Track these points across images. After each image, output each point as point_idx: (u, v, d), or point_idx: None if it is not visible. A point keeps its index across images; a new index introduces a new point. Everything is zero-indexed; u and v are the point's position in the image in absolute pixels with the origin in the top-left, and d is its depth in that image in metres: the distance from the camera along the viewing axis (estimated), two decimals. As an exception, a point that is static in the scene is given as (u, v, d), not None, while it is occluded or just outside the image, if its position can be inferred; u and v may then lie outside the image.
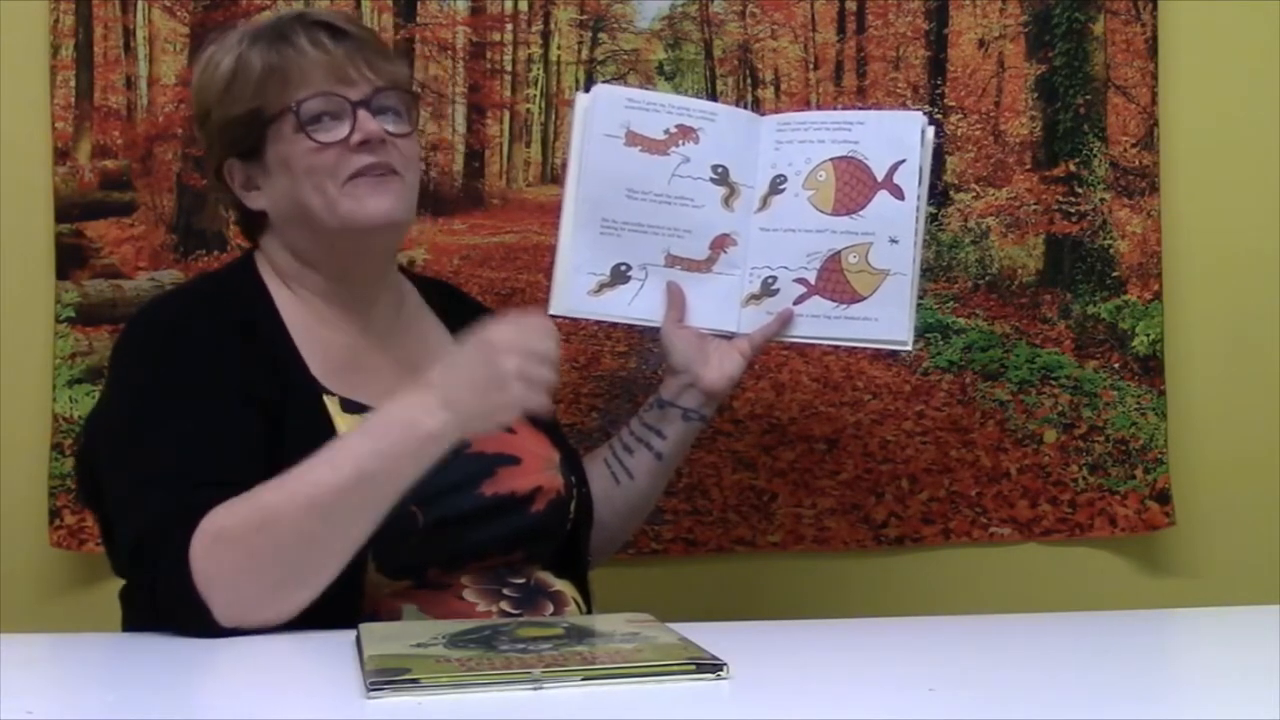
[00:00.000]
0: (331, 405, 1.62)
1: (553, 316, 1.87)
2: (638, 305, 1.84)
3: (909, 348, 1.83)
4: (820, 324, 1.81)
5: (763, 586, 2.19)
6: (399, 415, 1.50)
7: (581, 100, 1.84)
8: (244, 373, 1.59)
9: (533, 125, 2.19)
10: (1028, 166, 2.22)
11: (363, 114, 1.63)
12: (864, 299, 1.79)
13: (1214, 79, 2.23)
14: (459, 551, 1.59)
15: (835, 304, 1.80)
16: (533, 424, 1.75)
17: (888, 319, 1.79)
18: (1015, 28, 2.21)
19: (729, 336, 1.84)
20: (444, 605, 1.59)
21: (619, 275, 1.83)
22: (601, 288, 1.83)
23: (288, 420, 1.58)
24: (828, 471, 2.19)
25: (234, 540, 1.44)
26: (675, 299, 1.83)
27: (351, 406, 1.63)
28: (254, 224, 1.72)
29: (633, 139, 1.82)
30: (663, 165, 1.82)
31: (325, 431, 1.59)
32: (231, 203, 1.73)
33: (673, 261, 1.83)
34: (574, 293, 1.83)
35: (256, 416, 1.56)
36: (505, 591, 1.63)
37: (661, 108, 1.84)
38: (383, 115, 1.66)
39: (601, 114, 1.82)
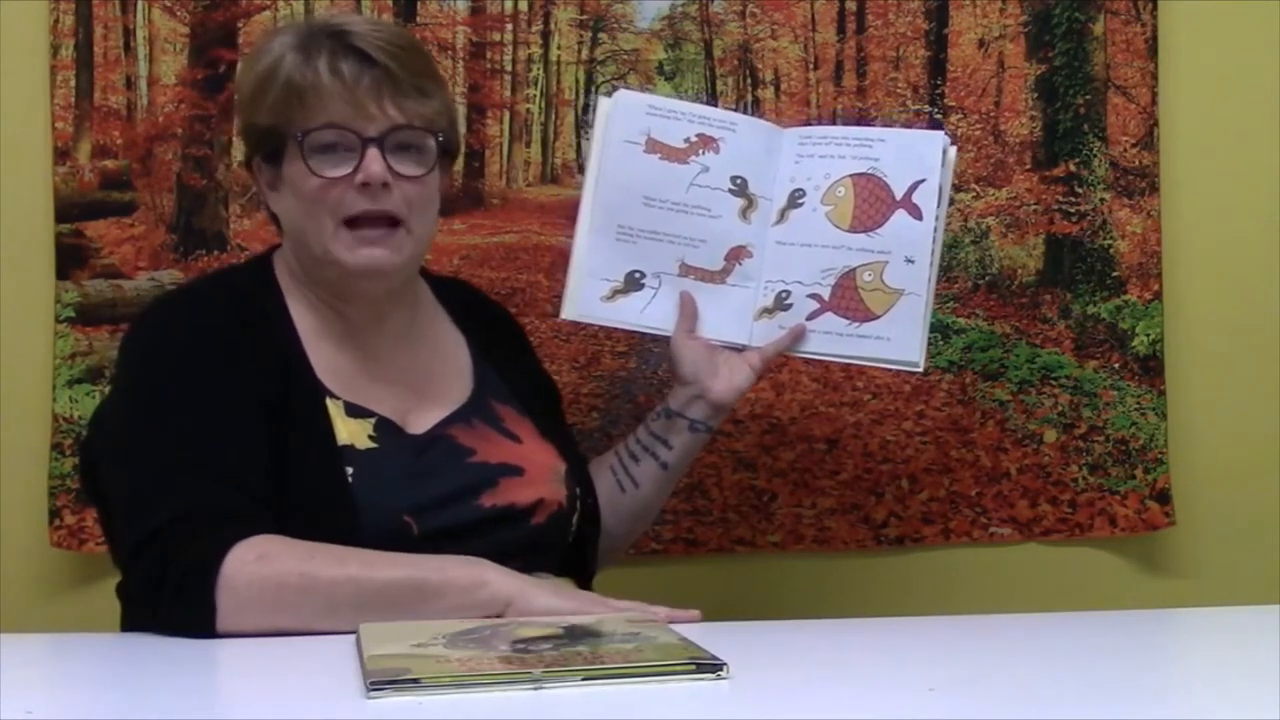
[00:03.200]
0: (334, 408, 1.62)
1: (565, 321, 1.87)
2: (650, 313, 1.83)
3: (921, 369, 1.81)
4: (832, 341, 1.80)
5: (763, 586, 2.19)
6: (473, 560, 1.50)
7: (603, 105, 1.83)
8: (250, 372, 1.58)
9: (533, 125, 2.19)
10: (1028, 166, 2.22)
11: (371, 153, 1.60)
12: (877, 318, 1.78)
13: (1214, 79, 2.23)
14: None
15: (848, 322, 1.79)
16: (540, 433, 1.75)
17: (900, 339, 1.77)
18: (1015, 28, 2.21)
19: (740, 349, 1.83)
20: None
21: (633, 282, 1.82)
22: (615, 294, 1.82)
23: (289, 422, 1.58)
24: (828, 471, 2.19)
25: (274, 569, 1.44)
26: (687, 309, 1.82)
27: (356, 411, 1.63)
28: (275, 218, 1.72)
29: (653, 146, 1.81)
30: (681, 174, 1.81)
31: (325, 435, 1.59)
32: (257, 192, 1.74)
33: (687, 271, 1.82)
34: (587, 298, 1.82)
35: (261, 420, 1.56)
36: None
37: (683, 116, 1.82)
38: (399, 154, 1.62)
39: (622, 120, 1.81)
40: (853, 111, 2.19)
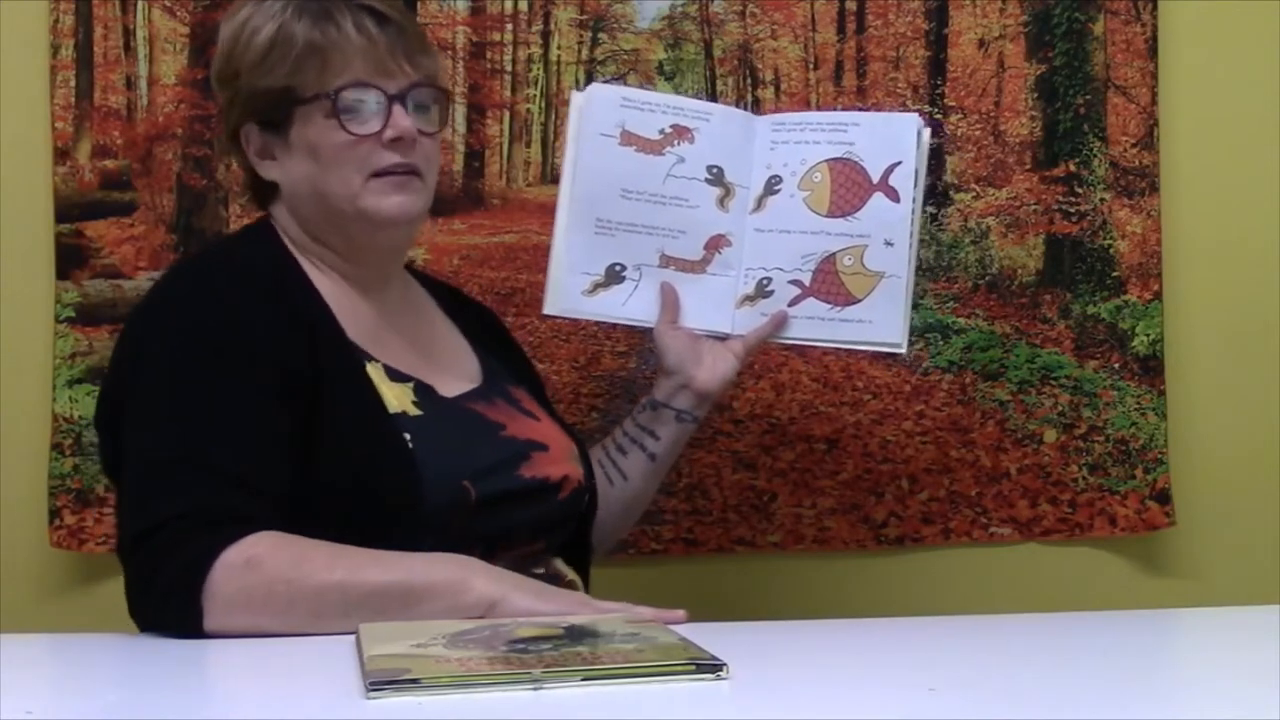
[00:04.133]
0: (375, 373, 1.60)
1: (547, 316, 1.87)
2: (632, 306, 1.84)
3: (903, 351, 1.82)
4: (814, 326, 1.80)
5: (763, 586, 2.19)
6: (461, 561, 1.48)
7: (577, 99, 1.83)
8: (279, 346, 1.55)
9: (533, 125, 2.19)
10: (1028, 166, 2.22)
11: (398, 109, 1.62)
12: (858, 301, 1.78)
13: (1214, 79, 2.23)
14: (498, 532, 1.60)
15: (830, 306, 1.79)
16: (549, 416, 1.77)
17: (882, 322, 1.78)
18: (1015, 28, 2.21)
19: (723, 338, 1.84)
20: None
21: (613, 275, 1.83)
22: (596, 288, 1.83)
23: (328, 389, 1.56)
24: (828, 471, 2.19)
25: (261, 576, 1.42)
26: (669, 300, 1.83)
27: (395, 375, 1.62)
28: (265, 191, 1.70)
29: (627, 138, 1.81)
30: (657, 165, 1.82)
31: (374, 403, 1.58)
32: (242, 166, 1.71)
33: (667, 262, 1.83)
34: (568, 293, 1.83)
35: (288, 404, 1.53)
36: None
37: (657, 107, 1.83)
38: (415, 111, 1.64)
39: (596, 113, 1.82)
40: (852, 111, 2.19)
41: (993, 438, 2.20)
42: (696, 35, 2.20)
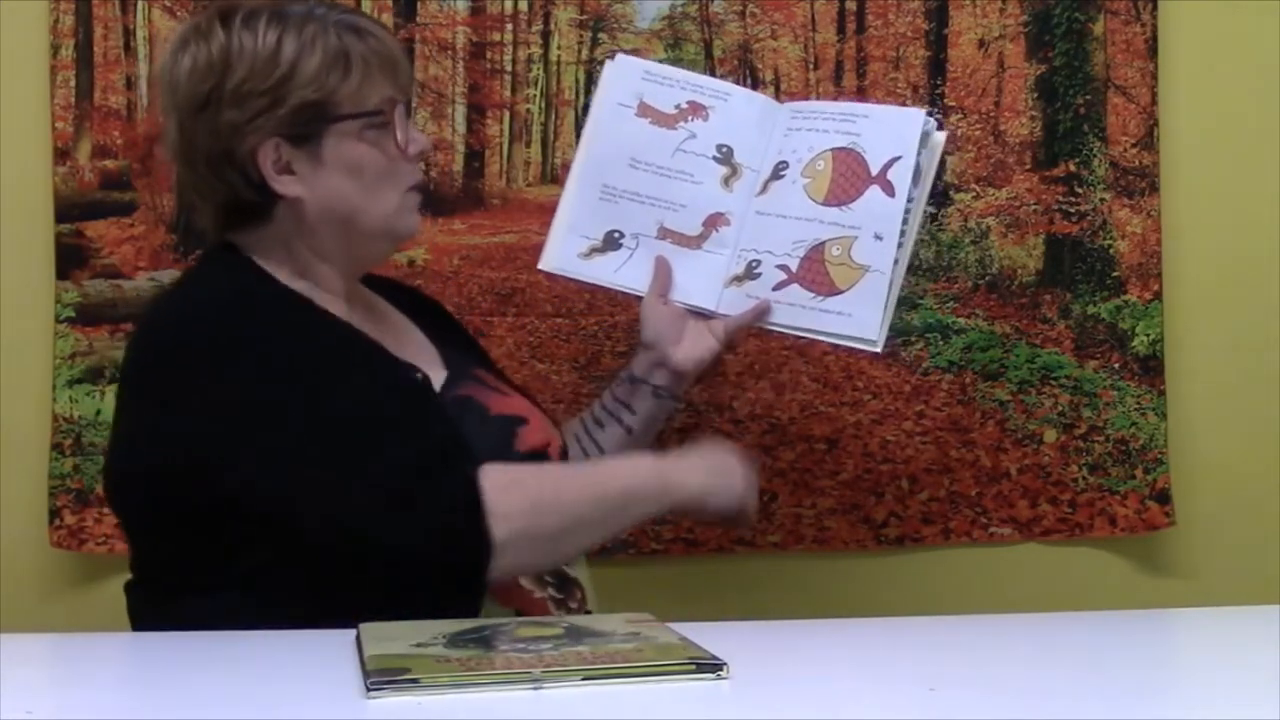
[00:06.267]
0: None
1: (541, 272, 1.87)
2: (624, 273, 1.83)
3: (878, 349, 1.77)
4: (795, 313, 1.78)
5: (763, 586, 2.19)
6: (654, 463, 1.67)
7: (606, 68, 1.87)
8: (346, 341, 1.61)
9: (533, 125, 2.19)
10: (1028, 166, 2.22)
11: (411, 124, 1.66)
12: (840, 293, 1.76)
13: (1214, 79, 2.23)
14: None
15: (812, 295, 1.77)
16: (514, 390, 1.79)
17: (860, 316, 1.74)
18: (1015, 28, 2.21)
19: (708, 315, 1.83)
20: (509, 593, 1.60)
21: (611, 242, 1.83)
22: (592, 251, 1.83)
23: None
24: (828, 471, 2.19)
25: (523, 487, 1.53)
26: (662, 274, 1.82)
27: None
28: (244, 212, 1.63)
29: (644, 110, 1.83)
30: (668, 139, 1.82)
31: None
32: (237, 184, 1.61)
33: (664, 234, 1.83)
34: (565, 253, 1.83)
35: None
36: (546, 578, 1.64)
37: (676, 83, 1.85)
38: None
39: (618, 83, 1.84)
40: (853, 111, 2.19)
41: (993, 438, 2.20)
42: (696, 35, 2.20)
